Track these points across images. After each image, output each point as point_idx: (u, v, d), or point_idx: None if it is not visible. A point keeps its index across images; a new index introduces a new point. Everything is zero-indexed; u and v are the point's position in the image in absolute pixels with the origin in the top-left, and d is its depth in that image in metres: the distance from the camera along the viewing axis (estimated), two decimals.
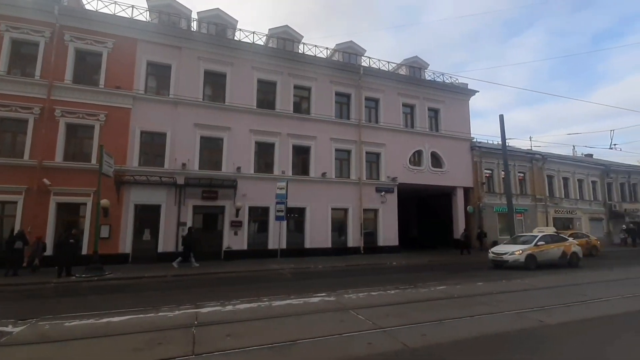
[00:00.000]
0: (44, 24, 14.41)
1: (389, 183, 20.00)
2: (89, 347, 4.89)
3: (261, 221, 17.20)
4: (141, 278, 11.35)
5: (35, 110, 13.85)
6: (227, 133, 16.76)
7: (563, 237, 15.12)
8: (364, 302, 7.32)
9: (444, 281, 10.14)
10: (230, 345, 4.75)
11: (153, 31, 16.04)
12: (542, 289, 8.90)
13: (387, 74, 21.15)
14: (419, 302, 7.32)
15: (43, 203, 13.52)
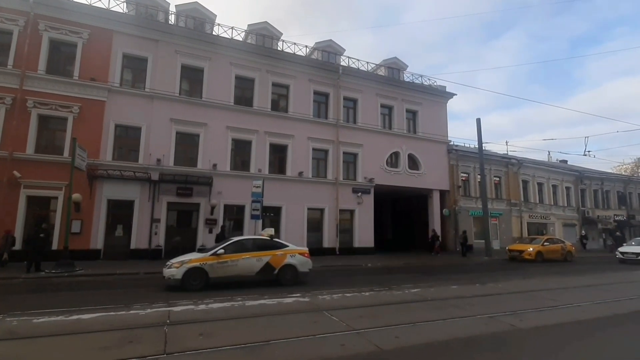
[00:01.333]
0: (17, 13, 14.96)
1: (365, 184, 21.36)
2: (57, 344, 5.03)
3: (237, 220, 18.21)
4: (113, 275, 11.89)
5: (7, 100, 14.40)
6: (203, 129, 17.65)
7: None
8: (338, 303, 7.70)
9: (418, 284, 10.73)
10: (203, 344, 4.96)
11: (130, 23, 16.74)
12: (515, 293, 9.41)
13: (366, 74, 22.48)
14: (393, 305, 7.75)
15: (13, 196, 14.11)
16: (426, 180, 23.57)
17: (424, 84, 24.52)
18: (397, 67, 24.47)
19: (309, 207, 19.69)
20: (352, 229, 20.96)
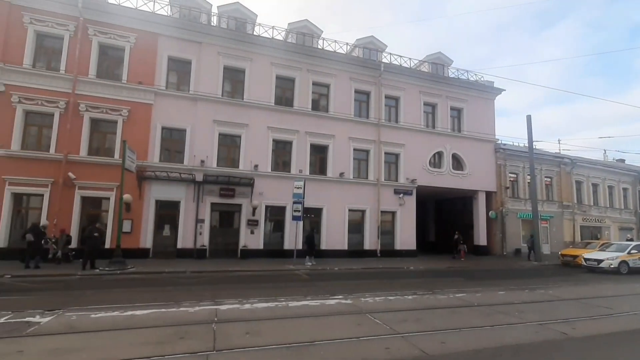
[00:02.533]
0: (68, 18, 15.39)
1: (407, 185, 20.56)
2: (114, 338, 5.26)
3: (277, 220, 18.04)
4: (161, 273, 12.20)
5: (61, 104, 14.91)
6: (245, 130, 17.57)
7: None
8: (381, 306, 7.67)
9: (463, 288, 10.45)
10: (250, 342, 5.09)
11: (174, 26, 16.88)
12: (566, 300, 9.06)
13: (408, 71, 21.59)
14: (437, 309, 7.62)
15: (68, 196, 14.63)
16: (471, 181, 22.39)
17: (470, 79, 23.24)
18: (442, 63, 23.35)
19: (350, 209, 19.19)
20: (393, 231, 20.26)
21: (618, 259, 16.11)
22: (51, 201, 14.40)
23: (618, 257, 16.21)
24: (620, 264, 15.97)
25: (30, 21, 14.99)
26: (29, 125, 14.89)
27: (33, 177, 14.25)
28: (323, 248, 18.23)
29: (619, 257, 16.21)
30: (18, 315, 6.23)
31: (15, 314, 6.34)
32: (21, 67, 14.60)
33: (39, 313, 6.40)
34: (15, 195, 14.39)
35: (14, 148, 14.27)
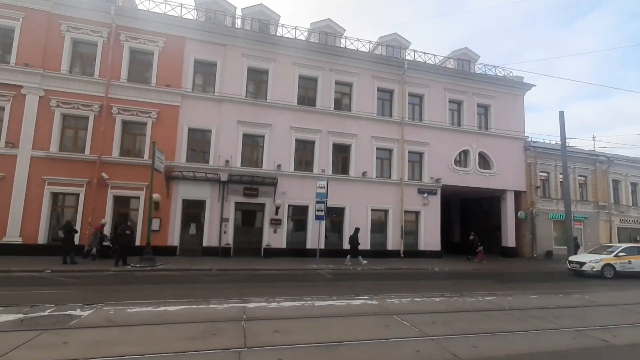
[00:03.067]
0: (101, 25, 16.13)
1: (432, 184, 20.23)
2: (150, 333, 5.50)
3: (300, 220, 18.21)
4: (189, 270, 12.64)
5: (95, 107, 15.67)
6: (268, 130, 17.84)
7: None
8: (408, 307, 7.63)
9: (493, 291, 10.24)
10: (279, 341, 5.22)
11: (200, 29, 17.36)
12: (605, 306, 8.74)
13: (433, 68, 21.21)
14: (467, 312, 7.53)
15: (102, 196, 15.39)
16: (499, 180, 21.73)
17: (498, 75, 22.56)
18: (468, 59, 22.77)
19: (373, 208, 19.10)
20: (417, 231, 19.99)
21: (601, 262, 14.91)
22: (86, 200, 15.20)
23: (601, 260, 15.02)
24: (604, 267, 14.79)
25: (67, 29, 15.83)
26: (66, 127, 15.75)
27: (69, 177, 15.08)
28: (346, 248, 18.19)
29: (602, 260, 15.01)
30: (61, 309, 6.65)
31: (58, 307, 6.77)
32: (59, 73, 15.47)
33: (79, 307, 6.80)
34: (54, 195, 15.26)
35: (53, 150, 15.14)
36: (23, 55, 15.08)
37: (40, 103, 15.15)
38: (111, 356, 4.50)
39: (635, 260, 15.20)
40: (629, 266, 15.01)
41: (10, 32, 15.27)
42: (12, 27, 15.20)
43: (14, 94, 14.87)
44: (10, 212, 14.37)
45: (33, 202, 14.67)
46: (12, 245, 14.13)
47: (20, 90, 14.94)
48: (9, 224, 14.32)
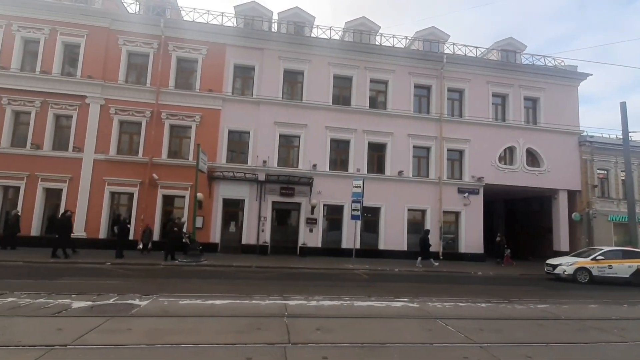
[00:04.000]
0: (152, 37, 17.64)
1: (473, 183, 19.53)
2: (200, 324, 5.83)
3: (335, 219, 18.54)
4: (230, 267, 13.41)
5: (147, 114, 17.21)
6: (303, 130, 18.36)
7: None
8: (452, 312, 7.45)
9: (545, 298, 9.71)
10: (322, 339, 5.30)
11: (239, 35, 18.30)
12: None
13: (474, 61, 20.42)
14: (518, 320, 7.20)
15: (152, 195, 16.89)
16: (550, 179, 20.38)
17: (548, 65, 21.13)
18: (513, 49, 21.58)
19: (410, 208, 18.91)
20: (457, 233, 19.45)
21: (574, 266, 13.80)
22: (139, 199, 16.76)
23: (575, 263, 13.89)
24: (577, 271, 13.66)
25: (124, 43, 17.51)
26: (123, 133, 17.46)
27: (125, 178, 16.72)
28: (381, 248, 18.29)
29: (576, 263, 13.87)
30: (122, 298, 7.45)
31: (120, 296, 7.57)
32: (117, 83, 17.20)
33: (137, 297, 7.51)
34: (112, 194, 17.00)
35: (112, 153, 16.89)
36: (87, 68, 16.98)
37: (101, 111, 16.96)
38: (169, 344, 4.89)
39: (617, 265, 13.81)
40: (609, 271, 13.74)
41: (76, 49, 17.24)
42: (78, 44, 17.14)
43: (79, 103, 16.80)
44: (76, 210, 16.26)
45: (95, 200, 16.49)
46: (78, 239, 15.92)
47: (84, 100, 16.84)
48: (75, 220, 16.16)
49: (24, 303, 6.79)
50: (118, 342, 4.87)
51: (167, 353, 4.62)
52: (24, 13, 16.74)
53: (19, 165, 16.06)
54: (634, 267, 13.80)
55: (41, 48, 16.81)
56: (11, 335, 4.98)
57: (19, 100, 16.38)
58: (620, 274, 13.76)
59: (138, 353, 4.58)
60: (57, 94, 16.63)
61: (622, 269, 13.77)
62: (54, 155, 16.46)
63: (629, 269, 13.75)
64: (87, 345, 4.71)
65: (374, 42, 20.02)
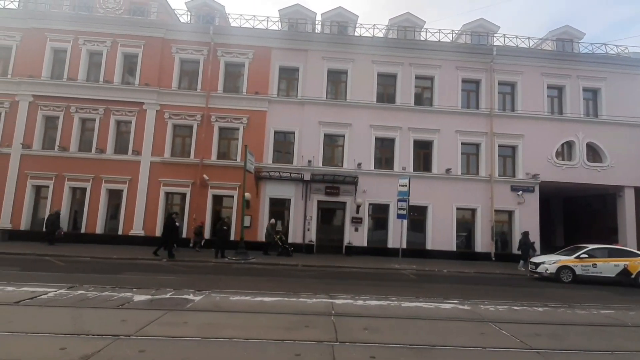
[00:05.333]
0: (202, 44, 18.04)
1: (527, 181, 18.05)
2: (251, 320, 5.94)
3: (381, 218, 17.88)
4: (277, 265, 13.35)
5: (198, 117, 17.60)
6: (348, 129, 17.92)
7: None
8: (506, 316, 7.02)
9: (609, 304, 8.85)
10: (370, 338, 5.22)
11: (284, 38, 18.25)
12: None
13: (526, 52, 18.87)
14: (579, 326, 6.68)
15: (203, 195, 17.21)
16: (614, 175, 18.35)
17: (609, 53, 19.13)
18: (569, 38, 19.79)
19: (458, 207, 17.80)
20: (510, 233, 18.04)
21: (556, 264, 12.80)
22: (191, 199, 17.15)
23: (557, 262, 12.89)
24: (559, 270, 12.68)
25: (176, 51, 18.06)
26: (176, 136, 17.97)
27: (178, 179, 17.18)
28: (428, 248, 17.37)
29: (559, 262, 12.86)
30: (178, 293, 7.60)
31: (176, 291, 7.74)
32: (170, 90, 17.76)
33: (192, 292, 7.68)
34: (167, 194, 17.52)
35: (166, 156, 17.43)
36: (144, 76, 17.69)
37: (157, 116, 17.58)
38: (222, 338, 4.97)
39: (602, 264, 12.73)
40: (594, 270, 12.68)
41: (134, 58, 18.02)
42: (136, 54, 17.91)
43: (137, 109, 17.52)
44: (135, 209, 16.95)
45: (152, 200, 17.09)
46: (137, 237, 16.67)
47: (142, 106, 17.54)
48: (134, 219, 16.90)
49: (92, 295, 7.10)
50: (175, 334, 5.00)
51: (220, 347, 4.68)
52: (89, 28, 17.76)
53: (86, 168, 17.02)
54: (620, 266, 12.68)
55: (104, 59, 17.76)
56: (82, 325, 5.27)
57: (86, 108, 17.39)
58: (605, 273, 12.70)
59: (194, 346, 4.67)
60: (118, 102, 17.47)
61: (608, 267, 12.71)
62: (116, 158, 17.27)
63: (615, 268, 12.69)
64: (148, 336, 4.88)
65: (418, 38, 19.19)
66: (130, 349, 4.40)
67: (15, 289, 7.30)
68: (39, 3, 18.38)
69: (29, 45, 17.60)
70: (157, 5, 18.51)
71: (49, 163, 16.99)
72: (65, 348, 4.31)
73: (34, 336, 4.75)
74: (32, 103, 17.31)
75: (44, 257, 12.67)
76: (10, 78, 17.38)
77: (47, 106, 17.34)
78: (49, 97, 17.36)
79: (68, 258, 12.67)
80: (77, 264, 11.74)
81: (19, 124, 17.11)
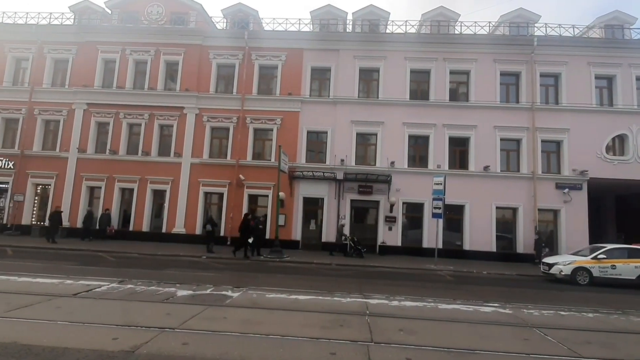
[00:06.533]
0: (237, 49, 18.52)
1: (575, 178, 16.79)
2: (287, 317, 5.95)
3: (415, 218, 17.42)
4: (311, 264, 13.35)
5: (234, 119, 18.08)
6: (380, 128, 17.62)
7: None
8: (552, 321, 6.58)
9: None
10: (406, 340, 5.06)
11: (315, 39, 18.31)
12: None
13: (571, 41, 17.58)
14: (633, 334, 6.13)
15: (239, 195, 17.64)
16: None
17: None
18: (619, 24, 18.21)
19: (498, 206, 16.93)
20: (556, 233, 16.89)
21: (572, 265, 11.87)
22: (228, 198, 17.63)
23: (572, 262, 11.94)
24: (575, 271, 11.76)
25: (214, 56, 18.68)
26: (213, 138, 18.57)
27: (216, 179, 17.73)
28: (466, 249, 16.68)
29: (574, 263, 11.91)
30: (217, 289, 7.81)
31: (215, 287, 7.98)
32: (208, 94, 18.39)
33: (230, 288, 7.87)
34: (205, 194, 18.14)
35: (205, 157, 18.05)
36: (185, 82, 18.45)
37: (196, 119, 18.27)
38: (260, 334, 5.02)
39: (621, 265, 11.76)
40: (612, 272, 11.72)
41: (175, 65, 18.85)
42: (177, 61, 18.71)
43: (178, 114, 18.31)
44: (177, 208, 17.71)
45: (192, 200, 17.76)
46: (179, 235, 17.40)
47: (183, 110, 18.30)
48: (176, 217, 17.66)
49: (140, 290, 7.45)
50: (216, 328, 5.13)
51: (258, 342, 4.72)
52: (135, 39, 18.81)
53: (133, 170, 18.03)
54: None
55: (148, 67, 18.73)
56: (132, 317, 5.53)
57: (132, 114, 18.43)
58: (625, 275, 11.71)
59: (234, 340, 4.76)
60: (161, 107, 18.36)
61: (628, 269, 11.72)
62: (159, 160, 18.15)
63: (636, 270, 11.65)
64: (191, 330, 5.03)
65: (452, 32, 18.46)
66: (175, 341, 4.56)
67: (74, 282, 7.84)
68: (91, 18, 19.74)
69: (83, 58, 18.95)
70: (195, 14, 19.22)
71: (101, 166, 18.19)
72: (118, 338, 4.54)
73: (90, 326, 5.05)
74: (86, 111, 18.63)
75: (97, 253, 13.57)
76: (67, 88, 18.80)
77: (99, 113, 18.58)
78: (101, 105, 18.59)
79: (118, 254, 13.48)
80: (126, 259, 12.46)
81: (75, 130, 18.48)
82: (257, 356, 4.27)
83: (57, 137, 18.71)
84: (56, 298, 6.44)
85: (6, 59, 19.21)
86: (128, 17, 19.43)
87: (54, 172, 18.29)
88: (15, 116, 18.88)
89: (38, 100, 18.82)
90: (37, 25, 19.15)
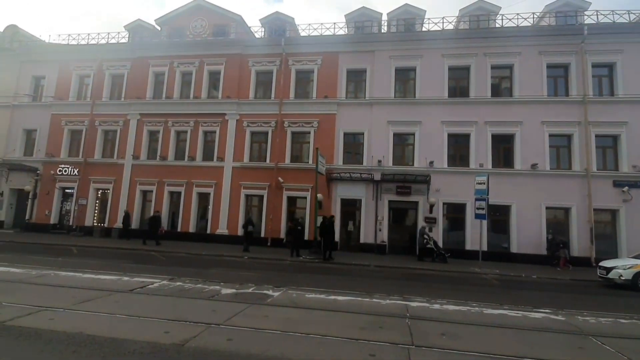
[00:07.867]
0: (275, 56, 18.88)
1: (635, 174, 15.17)
2: (326, 317, 5.86)
3: (457, 218, 16.64)
4: (349, 265, 13.16)
5: (272, 124, 18.41)
6: (418, 127, 17.07)
7: None
8: (610, 329, 6.03)
9: None
10: (448, 344, 4.84)
11: (350, 42, 18.20)
12: None
13: (626, 27, 16.01)
14: None
15: (278, 197, 17.89)
16: None
17: None
18: None
19: (548, 206, 15.71)
20: (615, 235, 15.33)
21: (633, 269, 10.58)
22: (268, 200, 17.95)
23: (634, 267, 10.64)
24: (636, 276, 10.44)
25: (253, 64, 19.21)
26: (253, 142, 19.03)
27: (256, 182, 18.13)
28: (513, 251, 15.63)
29: (636, 267, 10.61)
30: (258, 288, 7.93)
31: (257, 286, 8.09)
32: (248, 100, 18.91)
33: (271, 288, 7.96)
34: (246, 196, 18.60)
35: (245, 161, 18.55)
36: (226, 90, 19.13)
37: (237, 125, 18.84)
38: (300, 332, 5.01)
39: None
40: None
41: (217, 75, 19.61)
42: (219, 71, 19.47)
43: (220, 120, 19.00)
44: (220, 210, 18.33)
45: (234, 202, 18.29)
46: (222, 235, 17.98)
47: (224, 117, 18.97)
48: (220, 219, 18.27)
49: (188, 287, 7.73)
50: (258, 326, 5.16)
51: (298, 341, 4.73)
52: (181, 52, 19.84)
53: (180, 174, 18.95)
54: None
55: (193, 78, 19.66)
56: (181, 313, 5.71)
57: (180, 122, 19.40)
58: None
59: (275, 338, 4.79)
60: (204, 114, 19.15)
61: None
62: (204, 165, 18.92)
63: None
64: (234, 326, 5.13)
65: (493, 26, 17.50)
66: (220, 337, 4.67)
67: (130, 279, 8.33)
68: (143, 36, 21.15)
69: (136, 72, 20.32)
70: (235, 25, 19.91)
71: (152, 171, 19.31)
72: (169, 332, 4.74)
73: (145, 320, 5.31)
74: (140, 120, 19.92)
75: (150, 252, 14.39)
76: (123, 101, 20.25)
77: (151, 122, 19.78)
78: (152, 115, 19.78)
79: (168, 253, 14.18)
80: (175, 258, 13.07)
81: (129, 138, 19.81)
82: (298, 354, 4.25)
83: (114, 145, 20.20)
84: (115, 293, 6.85)
85: (71, 77, 21.11)
86: (175, 33, 20.56)
87: (112, 177, 19.74)
88: (79, 128, 20.66)
89: (98, 112, 20.46)
90: (97, 44, 20.87)
